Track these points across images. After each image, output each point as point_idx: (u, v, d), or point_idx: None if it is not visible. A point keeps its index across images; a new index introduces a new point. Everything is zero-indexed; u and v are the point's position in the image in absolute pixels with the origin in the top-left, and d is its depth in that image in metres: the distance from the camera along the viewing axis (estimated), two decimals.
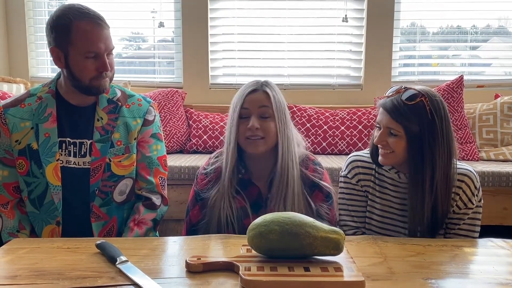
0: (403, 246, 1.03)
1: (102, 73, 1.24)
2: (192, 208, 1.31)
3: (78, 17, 1.20)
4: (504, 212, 2.02)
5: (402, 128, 1.14)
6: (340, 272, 0.84)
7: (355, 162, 1.31)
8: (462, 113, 2.41)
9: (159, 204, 1.36)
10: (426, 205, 1.16)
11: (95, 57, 1.22)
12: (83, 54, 1.21)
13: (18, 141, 1.27)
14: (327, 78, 2.82)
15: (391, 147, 1.17)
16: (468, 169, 1.21)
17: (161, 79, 2.88)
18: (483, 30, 2.85)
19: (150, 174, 1.36)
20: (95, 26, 1.21)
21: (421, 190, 1.15)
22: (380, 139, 1.18)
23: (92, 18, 1.22)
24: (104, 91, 1.29)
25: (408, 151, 1.16)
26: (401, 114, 1.14)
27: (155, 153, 1.38)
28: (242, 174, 1.27)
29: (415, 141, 1.14)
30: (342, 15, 2.74)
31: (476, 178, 1.21)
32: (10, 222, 1.29)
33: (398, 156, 1.18)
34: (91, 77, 1.23)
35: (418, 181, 1.16)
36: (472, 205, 1.20)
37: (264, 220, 0.90)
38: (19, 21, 2.81)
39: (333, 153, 2.45)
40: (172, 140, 2.46)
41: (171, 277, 0.85)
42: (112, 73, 1.29)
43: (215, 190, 1.26)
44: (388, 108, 1.16)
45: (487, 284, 0.84)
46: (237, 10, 2.78)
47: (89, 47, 1.20)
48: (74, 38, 1.20)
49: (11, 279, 0.84)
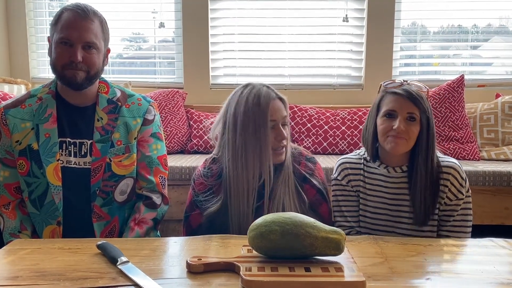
0: (404, 246, 1.03)
1: (72, 63, 1.23)
2: (190, 212, 1.28)
3: (68, 7, 1.26)
4: (505, 212, 2.01)
5: (419, 112, 1.20)
6: (341, 272, 0.84)
7: (344, 164, 1.34)
8: (463, 113, 2.41)
9: (159, 203, 1.36)
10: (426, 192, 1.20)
11: (69, 45, 1.23)
12: (58, 39, 1.23)
13: (19, 142, 1.27)
14: (328, 78, 2.82)
15: (409, 133, 1.20)
16: (452, 161, 1.26)
17: (162, 79, 2.88)
18: (484, 29, 2.85)
19: (150, 173, 1.36)
20: (77, 15, 1.23)
21: (425, 177, 1.20)
22: (402, 124, 1.19)
23: (78, 8, 1.24)
24: (77, 84, 1.25)
25: (418, 137, 1.21)
26: (417, 100, 1.20)
27: (155, 152, 1.38)
28: None
29: (424, 126, 1.20)
30: (343, 15, 2.74)
31: (461, 169, 1.25)
32: (11, 223, 1.29)
33: (410, 143, 1.21)
34: (62, 64, 1.24)
35: (422, 168, 1.20)
36: (462, 196, 1.23)
37: (265, 220, 0.90)
38: (20, 22, 2.82)
39: (334, 153, 2.45)
40: (173, 140, 2.47)
41: (172, 277, 0.85)
42: (93, 71, 1.26)
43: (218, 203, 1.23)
44: (405, 95, 1.21)
45: (488, 284, 0.83)
46: (238, 10, 2.78)
47: (63, 31, 1.22)
48: (58, 26, 1.24)
49: (13, 279, 0.84)
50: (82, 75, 1.25)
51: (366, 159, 1.32)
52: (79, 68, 1.24)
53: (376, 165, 1.29)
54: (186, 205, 1.31)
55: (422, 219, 1.21)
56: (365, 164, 1.32)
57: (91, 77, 1.28)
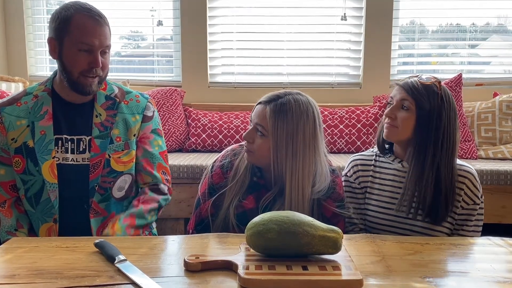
0: (401, 245, 1.03)
1: (92, 69, 1.24)
2: (204, 201, 1.27)
3: (79, 11, 1.24)
4: (502, 211, 2.02)
5: (414, 103, 1.20)
6: (338, 270, 0.84)
7: (355, 161, 1.37)
8: (461, 112, 2.41)
9: (165, 192, 1.38)
10: (426, 184, 1.19)
11: (89, 52, 1.23)
12: (77, 45, 1.22)
13: (14, 139, 1.27)
14: (326, 76, 2.82)
15: (399, 121, 1.21)
16: (469, 167, 1.27)
17: (160, 77, 2.88)
18: (483, 28, 2.85)
19: (154, 169, 1.37)
20: (93, 20, 1.23)
21: (422, 167, 1.20)
22: (391, 111, 1.23)
23: (91, 13, 1.24)
24: (90, 92, 1.27)
25: (416, 129, 1.21)
26: (415, 90, 1.20)
27: (157, 148, 1.39)
28: (258, 178, 1.25)
29: (423, 119, 1.20)
30: (341, 13, 2.74)
31: (477, 176, 1.27)
32: (8, 221, 1.29)
33: (402, 132, 1.22)
34: (81, 70, 1.24)
35: (419, 159, 1.20)
36: (478, 200, 1.25)
37: (262, 219, 0.90)
38: (17, 20, 2.81)
39: (332, 152, 2.45)
40: (171, 138, 2.46)
41: (169, 276, 0.85)
42: (104, 73, 1.29)
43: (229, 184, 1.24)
44: (404, 85, 1.23)
45: (485, 282, 0.84)
46: (236, 8, 2.77)
47: (83, 38, 1.22)
48: (71, 29, 1.22)
49: (10, 278, 0.84)
50: (96, 82, 1.27)
51: (378, 154, 1.34)
52: (96, 74, 1.25)
53: (390, 159, 1.31)
54: (200, 191, 1.31)
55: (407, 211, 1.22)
56: (376, 160, 1.34)
57: (102, 80, 1.30)
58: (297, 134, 1.15)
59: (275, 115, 1.15)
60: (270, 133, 1.16)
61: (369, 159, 1.35)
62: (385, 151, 1.32)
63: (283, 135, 1.15)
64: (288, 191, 1.17)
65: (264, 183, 1.25)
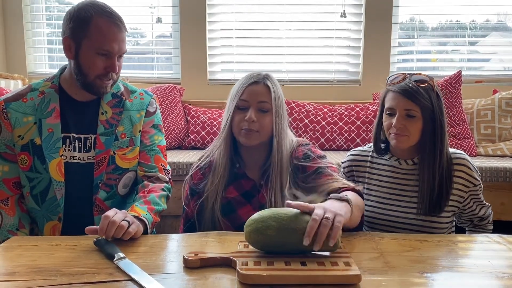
0: (399, 242, 1.03)
1: (108, 73, 1.24)
2: (187, 203, 1.31)
3: (100, 14, 1.21)
4: (501, 208, 2.02)
5: (419, 108, 1.20)
6: (336, 266, 0.84)
7: (352, 155, 1.40)
8: (460, 109, 2.41)
9: (166, 180, 1.36)
10: (436, 182, 1.22)
11: (107, 56, 1.22)
12: (96, 49, 1.21)
13: (21, 136, 1.26)
14: (326, 73, 2.82)
15: (409, 130, 1.21)
16: (460, 153, 1.29)
17: (159, 74, 2.88)
18: (482, 25, 2.85)
19: (150, 161, 1.36)
20: (113, 25, 1.22)
21: (432, 168, 1.21)
22: (399, 122, 1.21)
23: (113, 17, 1.23)
24: (103, 94, 1.28)
25: (423, 132, 1.22)
26: (417, 95, 1.19)
27: (156, 142, 1.39)
28: (237, 168, 1.27)
29: (429, 120, 1.21)
30: (341, 10, 2.74)
31: (470, 160, 1.29)
32: (10, 220, 1.29)
33: (413, 139, 1.23)
34: (97, 74, 1.23)
35: (430, 160, 1.21)
36: (477, 181, 1.26)
37: (261, 215, 0.90)
38: (16, 17, 2.81)
39: (331, 149, 2.46)
40: (170, 136, 2.46)
41: (168, 272, 0.86)
42: (117, 76, 1.30)
43: (209, 182, 1.26)
44: (402, 92, 1.21)
45: (483, 278, 0.84)
46: (235, 5, 2.77)
47: (103, 44, 1.21)
48: (90, 32, 1.21)
49: (10, 275, 0.84)
50: (110, 86, 1.28)
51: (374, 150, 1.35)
52: (110, 78, 1.26)
53: (387, 157, 1.31)
54: (184, 197, 1.33)
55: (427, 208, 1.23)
56: (373, 156, 1.35)
57: (115, 82, 1.30)
58: (283, 97, 1.30)
59: (273, 87, 1.26)
60: (273, 105, 1.23)
61: (366, 154, 1.36)
62: (382, 151, 1.32)
63: (279, 102, 1.26)
64: (276, 149, 1.23)
65: (243, 171, 1.27)
